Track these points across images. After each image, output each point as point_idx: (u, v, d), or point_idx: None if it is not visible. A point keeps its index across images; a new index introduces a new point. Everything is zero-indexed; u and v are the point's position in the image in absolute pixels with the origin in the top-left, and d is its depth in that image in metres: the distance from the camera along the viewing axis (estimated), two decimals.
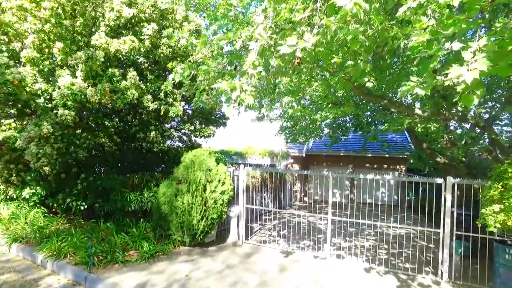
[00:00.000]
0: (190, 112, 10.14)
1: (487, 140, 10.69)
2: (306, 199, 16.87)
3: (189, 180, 7.38)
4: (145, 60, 7.48)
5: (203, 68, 4.13)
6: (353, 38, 3.02)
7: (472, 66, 2.32)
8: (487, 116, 7.70)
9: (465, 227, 6.09)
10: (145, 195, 8.19)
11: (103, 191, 8.11)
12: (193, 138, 11.15)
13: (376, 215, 11.16)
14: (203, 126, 9.93)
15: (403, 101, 8.69)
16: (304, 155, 15.89)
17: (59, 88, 5.74)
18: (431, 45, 2.91)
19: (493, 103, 7.54)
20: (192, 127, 9.37)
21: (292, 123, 10.69)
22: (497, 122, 8.52)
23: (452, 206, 6.01)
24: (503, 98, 7.58)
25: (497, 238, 5.59)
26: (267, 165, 15.12)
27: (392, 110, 8.84)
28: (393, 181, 15.55)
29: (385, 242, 8.35)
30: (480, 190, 5.70)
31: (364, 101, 8.77)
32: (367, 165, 15.89)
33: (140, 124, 7.73)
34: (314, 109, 9.90)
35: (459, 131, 11.26)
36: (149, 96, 7.07)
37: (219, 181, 7.57)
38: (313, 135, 11.10)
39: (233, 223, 8.06)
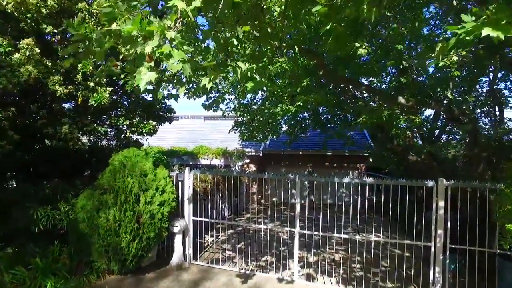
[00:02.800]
0: (126, 103, 8.19)
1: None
2: (263, 201, 15.47)
3: (117, 189, 5.54)
4: (56, 30, 5.48)
5: (105, 11, 2.41)
6: None
7: None
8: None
9: (455, 238, 4.99)
10: (62, 209, 6.14)
11: None
12: (133, 136, 9.18)
13: (339, 218, 10.02)
14: (143, 120, 8.02)
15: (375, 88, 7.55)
16: (261, 154, 14.47)
17: None
18: None
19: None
20: (127, 122, 7.43)
21: (248, 117, 9.17)
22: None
23: (446, 213, 4.86)
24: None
25: (500, 252, 4.51)
26: (221, 166, 13.47)
27: (361, 101, 7.69)
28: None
29: (357, 253, 7.12)
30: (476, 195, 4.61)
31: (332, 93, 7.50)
32: (327, 164, 14.89)
33: (49, 115, 5.69)
34: (273, 101, 8.49)
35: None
36: (58, 77, 5.10)
37: (157, 189, 5.82)
38: (272, 132, 9.67)
39: (177, 240, 6.32)
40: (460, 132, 7.31)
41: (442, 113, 6.61)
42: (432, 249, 4.94)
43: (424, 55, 4.55)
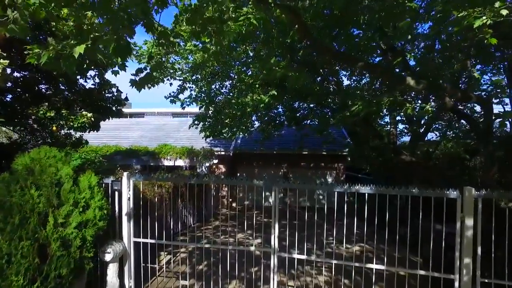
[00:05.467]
0: (53, 88, 6.26)
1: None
2: (234, 205, 13.79)
3: (9, 206, 3.66)
4: None
5: None
6: None
7: None
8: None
9: (488, 269, 3.57)
10: None
11: None
12: (71, 132, 7.26)
13: (320, 225, 8.53)
14: (80, 111, 6.12)
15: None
16: (231, 154, 12.78)
17: None
18: None
19: None
20: (52, 113, 5.51)
21: (212, 109, 7.44)
22: None
23: (475, 232, 3.42)
24: None
25: None
26: (186, 167, 11.65)
27: (346, 91, 6.21)
28: (330, 179, 13.35)
29: (344, 274, 5.60)
30: None
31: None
32: (303, 164, 13.45)
33: None
34: (243, 89, 6.84)
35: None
36: None
37: (76, 204, 4.01)
38: (241, 128, 8.01)
39: (110, 272, 4.53)
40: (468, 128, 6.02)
41: (459, 100, 5.17)
42: (457, 284, 3.48)
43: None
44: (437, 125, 10.50)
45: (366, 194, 4.07)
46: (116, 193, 4.84)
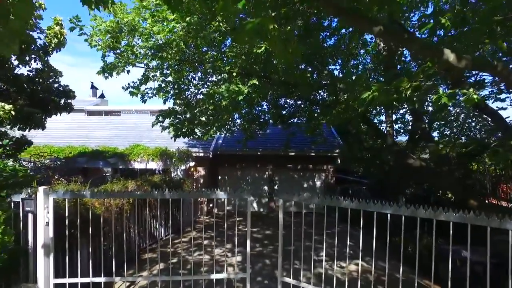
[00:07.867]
0: None
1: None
2: (216, 210, 12.35)
3: None
4: None
5: None
6: None
7: None
8: None
9: None
10: None
11: None
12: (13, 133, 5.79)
13: (308, 235, 7.17)
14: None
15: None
16: (210, 155, 11.31)
17: None
18: None
19: None
20: None
21: (181, 102, 6.00)
22: None
23: None
24: None
25: None
26: (159, 170, 10.14)
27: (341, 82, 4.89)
28: (319, 182, 12.07)
29: None
30: None
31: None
32: (289, 165, 12.12)
33: None
34: (219, 79, 5.43)
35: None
36: None
37: None
38: (217, 126, 6.58)
39: None
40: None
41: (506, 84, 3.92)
42: None
43: None
44: (434, 125, 9.39)
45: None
46: (30, 216, 3.36)
